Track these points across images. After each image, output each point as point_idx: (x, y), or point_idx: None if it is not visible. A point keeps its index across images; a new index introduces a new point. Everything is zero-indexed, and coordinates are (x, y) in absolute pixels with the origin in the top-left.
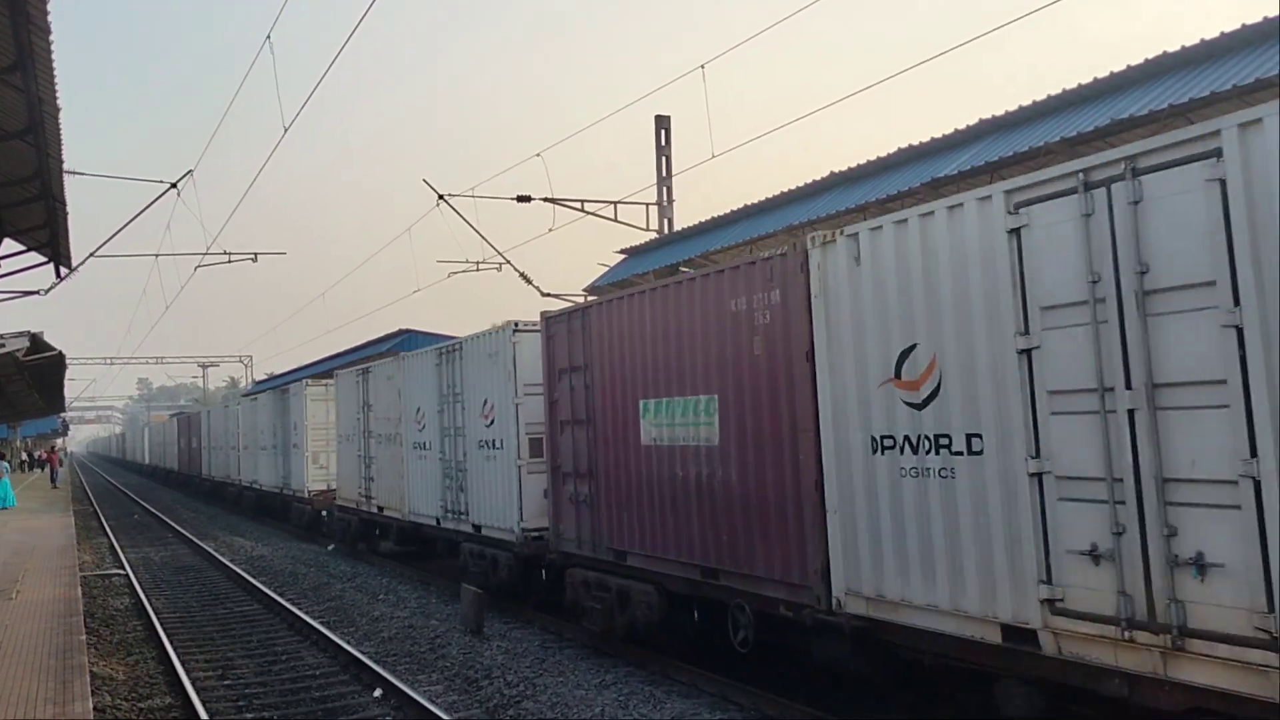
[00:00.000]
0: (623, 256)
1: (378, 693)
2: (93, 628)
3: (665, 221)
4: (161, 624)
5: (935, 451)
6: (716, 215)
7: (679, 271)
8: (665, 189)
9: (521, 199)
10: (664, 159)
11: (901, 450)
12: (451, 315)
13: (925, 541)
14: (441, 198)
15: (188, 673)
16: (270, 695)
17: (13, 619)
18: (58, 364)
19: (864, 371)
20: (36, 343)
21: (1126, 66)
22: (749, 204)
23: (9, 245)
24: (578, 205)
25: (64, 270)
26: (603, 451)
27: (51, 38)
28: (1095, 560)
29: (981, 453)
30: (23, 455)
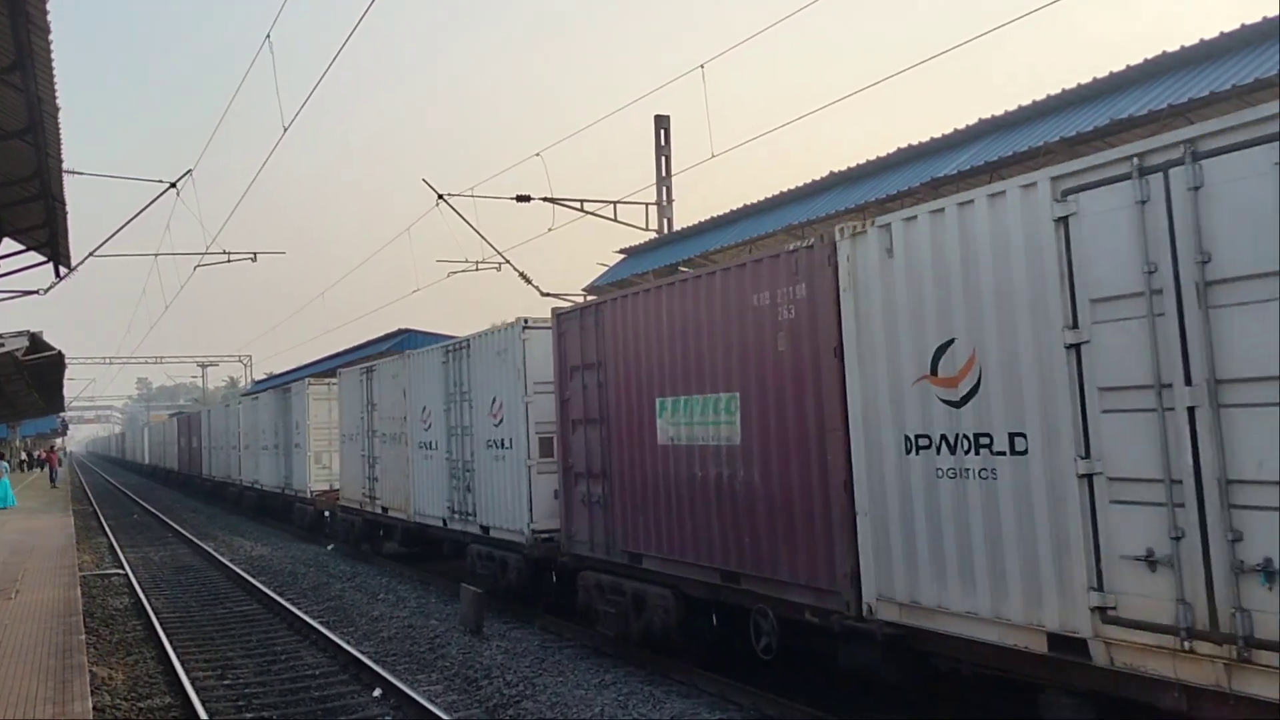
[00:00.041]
0: (622, 256)
1: (377, 692)
2: (92, 628)
3: (665, 221)
4: (161, 624)
5: (975, 451)
6: (716, 215)
7: (678, 271)
8: (665, 189)
9: (521, 199)
10: (663, 159)
11: (938, 450)
12: (451, 315)
13: (964, 545)
14: (441, 197)
15: (187, 672)
16: (270, 695)
17: (12, 619)
18: (57, 363)
19: (897, 368)
20: (36, 342)
21: (1126, 66)
22: (748, 204)
23: (8, 245)
24: (577, 205)
25: (63, 270)
26: (617, 451)
27: (51, 37)
28: (1151, 566)
29: (1026, 453)
30: (22, 455)
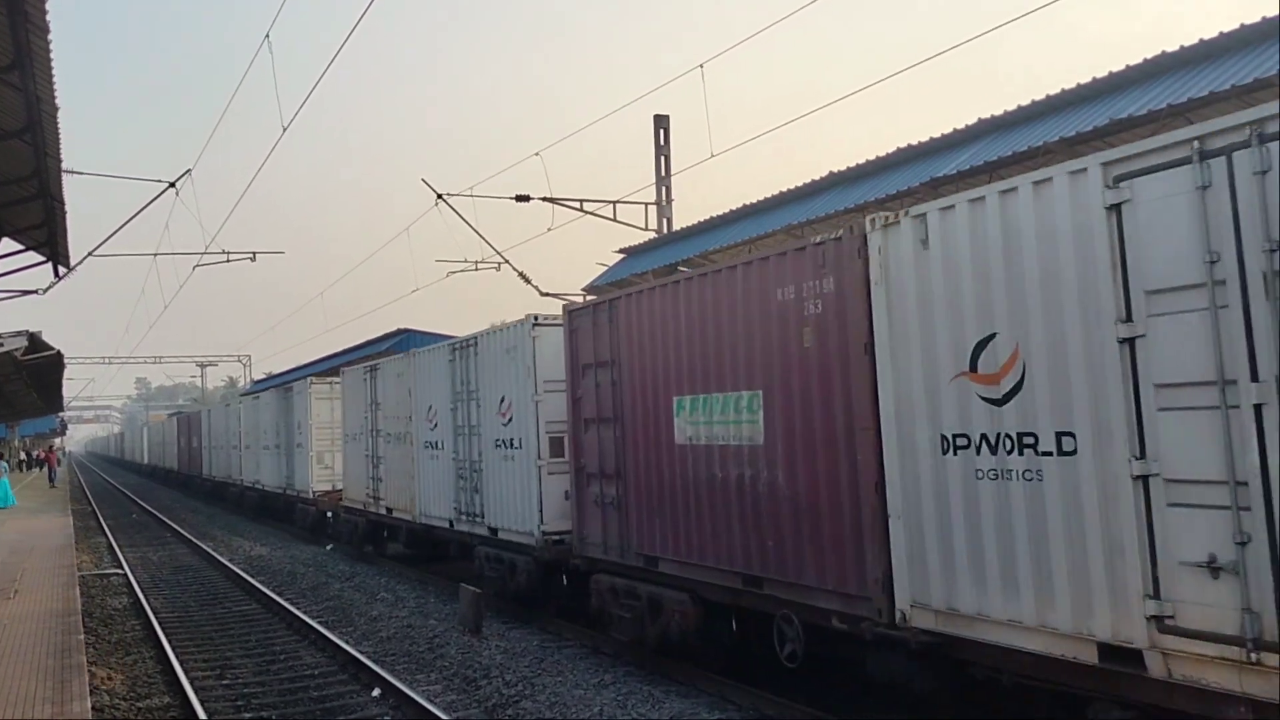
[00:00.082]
0: (621, 256)
1: (376, 692)
2: (91, 627)
3: (664, 221)
4: (160, 623)
5: (1019, 451)
6: (715, 215)
7: (678, 271)
8: (664, 188)
9: (520, 198)
10: (663, 158)
11: (978, 450)
12: (450, 315)
13: (1006, 550)
14: (440, 197)
15: (186, 672)
16: (269, 695)
17: (11, 618)
18: (56, 363)
19: (933, 364)
20: (34, 342)
21: (1125, 66)
22: (748, 204)
23: (7, 244)
24: (576, 205)
25: (62, 269)
26: (631, 451)
27: (50, 37)
28: (1214, 573)
29: (1074, 453)
30: (21, 455)
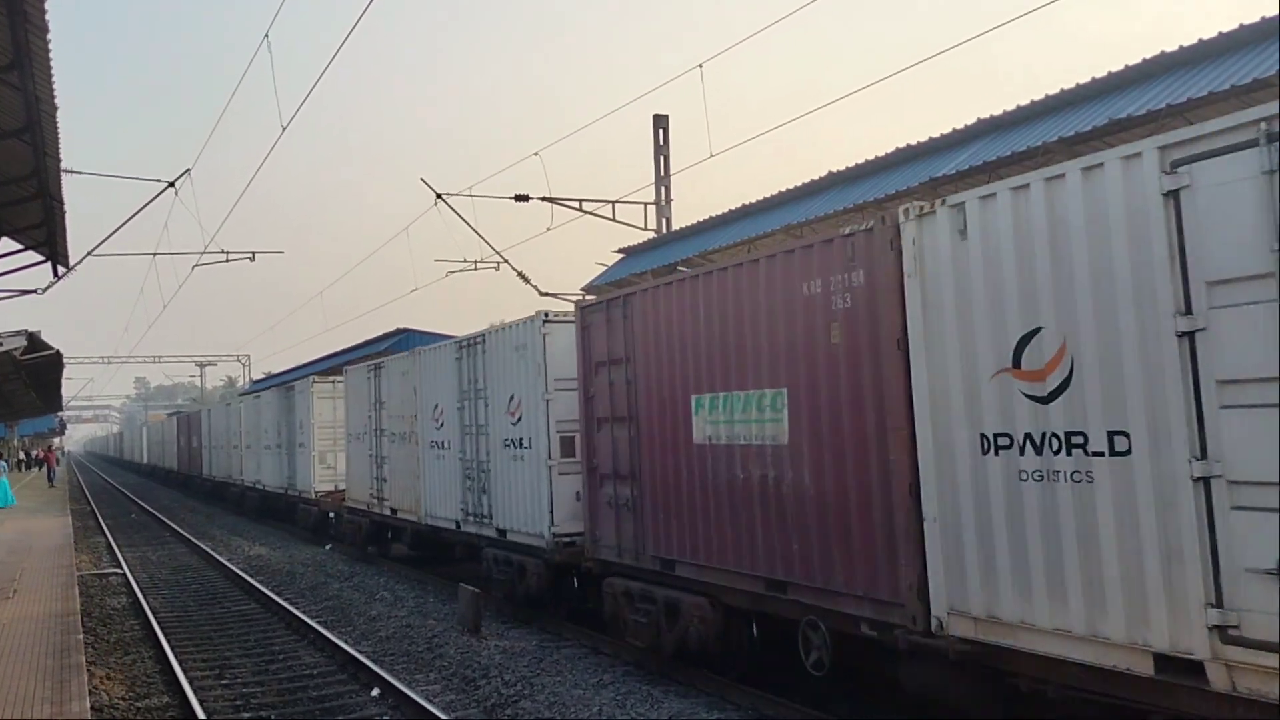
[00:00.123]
0: (620, 256)
1: (375, 692)
2: (90, 627)
3: (663, 221)
4: (159, 623)
5: (1066, 452)
6: (714, 215)
7: (677, 271)
8: (663, 188)
9: (519, 198)
10: (662, 158)
11: (1022, 450)
12: (449, 315)
13: (1053, 556)
14: (439, 197)
15: (185, 672)
16: (268, 694)
17: (10, 618)
18: (55, 363)
19: (972, 360)
20: (34, 342)
21: (1125, 67)
22: (747, 204)
23: (6, 244)
24: (575, 205)
25: (61, 269)
26: (647, 451)
27: (49, 36)
28: None
29: (1128, 453)
30: (20, 454)
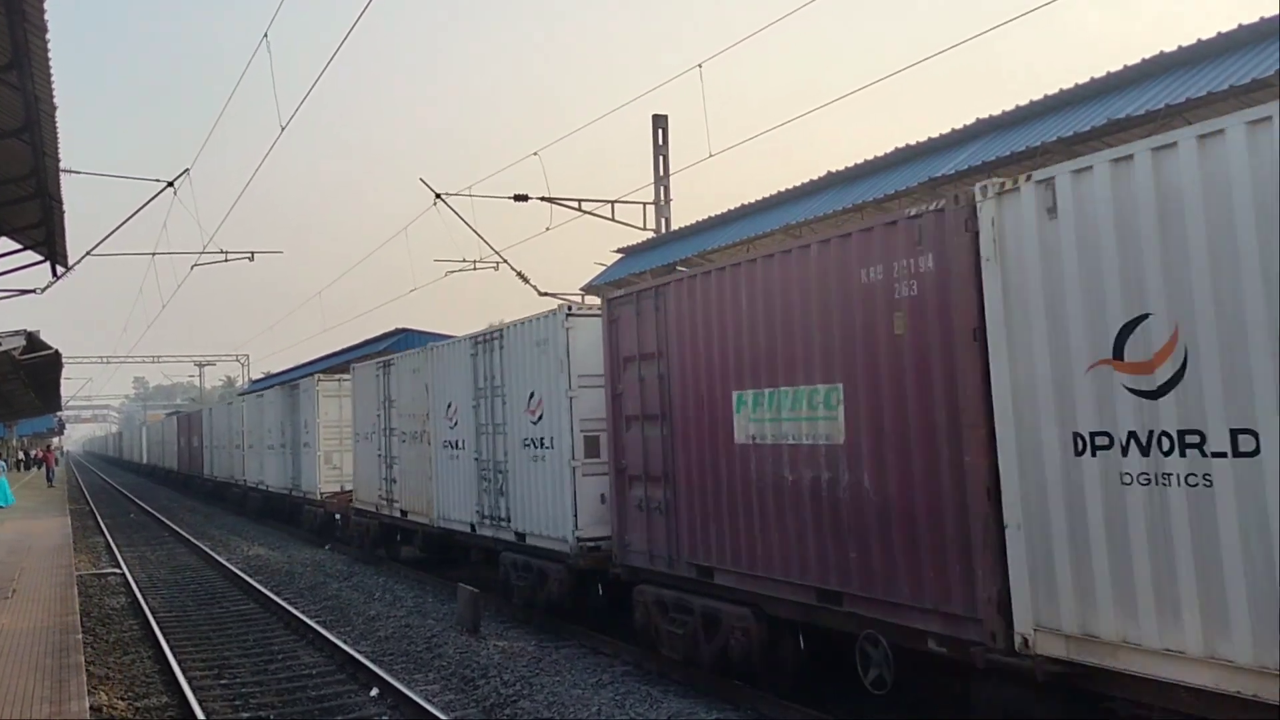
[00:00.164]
0: (620, 256)
1: (374, 692)
2: (89, 627)
3: (662, 221)
4: (158, 623)
5: (1180, 452)
6: (713, 215)
7: (676, 271)
8: (662, 188)
9: (519, 198)
10: (661, 158)
11: (1124, 450)
12: (448, 315)
13: (1163, 567)
14: (439, 197)
15: (184, 671)
16: (267, 694)
17: (9, 618)
18: (54, 363)
19: (1063, 351)
20: (32, 341)
21: (1124, 67)
22: (746, 203)
23: (5, 244)
24: (575, 204)
25: (60, 269)
26: (682, 451)
27: (48, 36)
28: None
29: (1256, 453)
30: (19, 454)
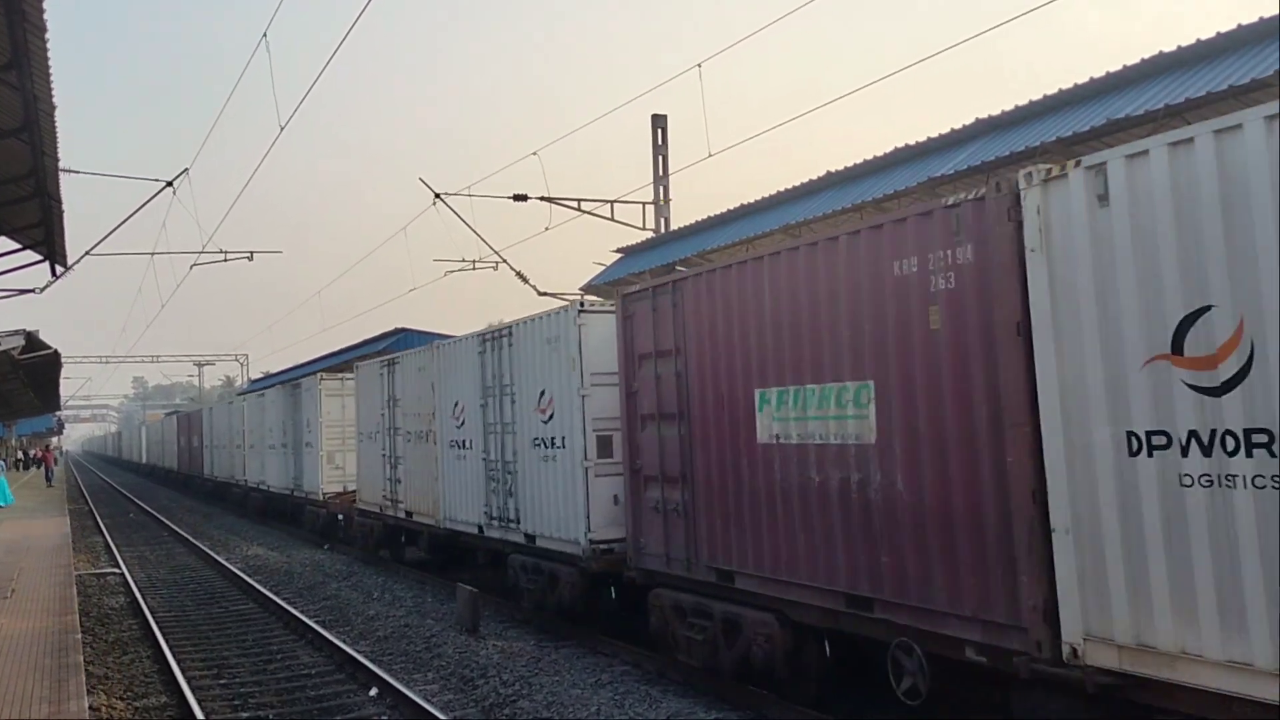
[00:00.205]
0: (619, 255)
1: (373, 691)
2: (88, 626)
3: (662, 220)
4: (157, 623)
5: (1246, 453)
6: (713, 214)
7: (675, 270)
8: (662, 188)
9: (518, 198)
10: (660, 158)
11: (1184, 450)
12: (447, 315)
13: (1227, 574)
14: (438, 196)
15: (183, 671)
16: (266, 694)
17: (8, 618)
18: (53, 362)
19: (1115, 346)
20: (32, 341)
21: (1123, 67)
22: (745, 203)
23: (4, 243)
24: (574, 204)
25: (59, 269)
26: (700, 451)
27: (47, 35)
28: None
29: None
30: (18, 454)
